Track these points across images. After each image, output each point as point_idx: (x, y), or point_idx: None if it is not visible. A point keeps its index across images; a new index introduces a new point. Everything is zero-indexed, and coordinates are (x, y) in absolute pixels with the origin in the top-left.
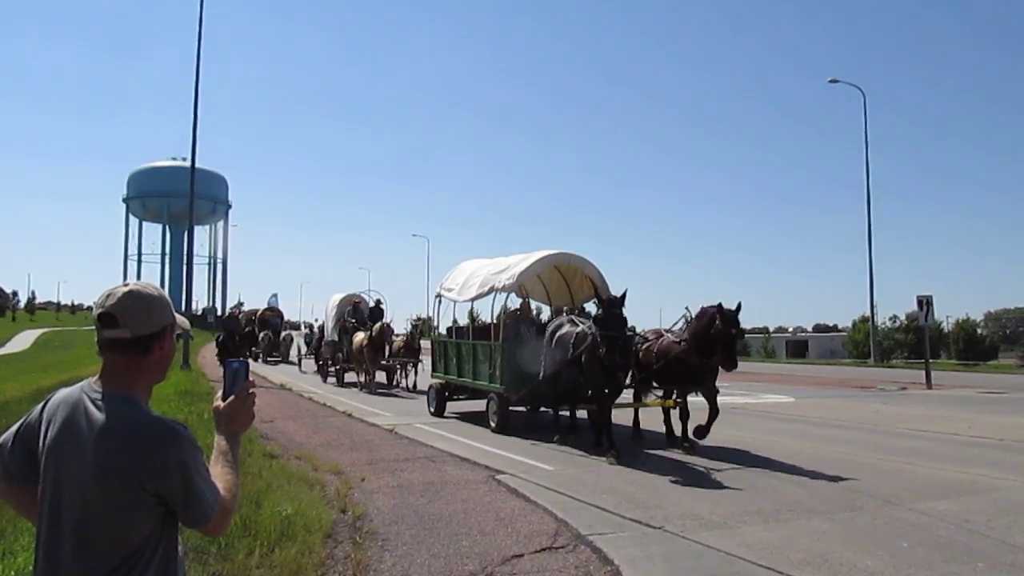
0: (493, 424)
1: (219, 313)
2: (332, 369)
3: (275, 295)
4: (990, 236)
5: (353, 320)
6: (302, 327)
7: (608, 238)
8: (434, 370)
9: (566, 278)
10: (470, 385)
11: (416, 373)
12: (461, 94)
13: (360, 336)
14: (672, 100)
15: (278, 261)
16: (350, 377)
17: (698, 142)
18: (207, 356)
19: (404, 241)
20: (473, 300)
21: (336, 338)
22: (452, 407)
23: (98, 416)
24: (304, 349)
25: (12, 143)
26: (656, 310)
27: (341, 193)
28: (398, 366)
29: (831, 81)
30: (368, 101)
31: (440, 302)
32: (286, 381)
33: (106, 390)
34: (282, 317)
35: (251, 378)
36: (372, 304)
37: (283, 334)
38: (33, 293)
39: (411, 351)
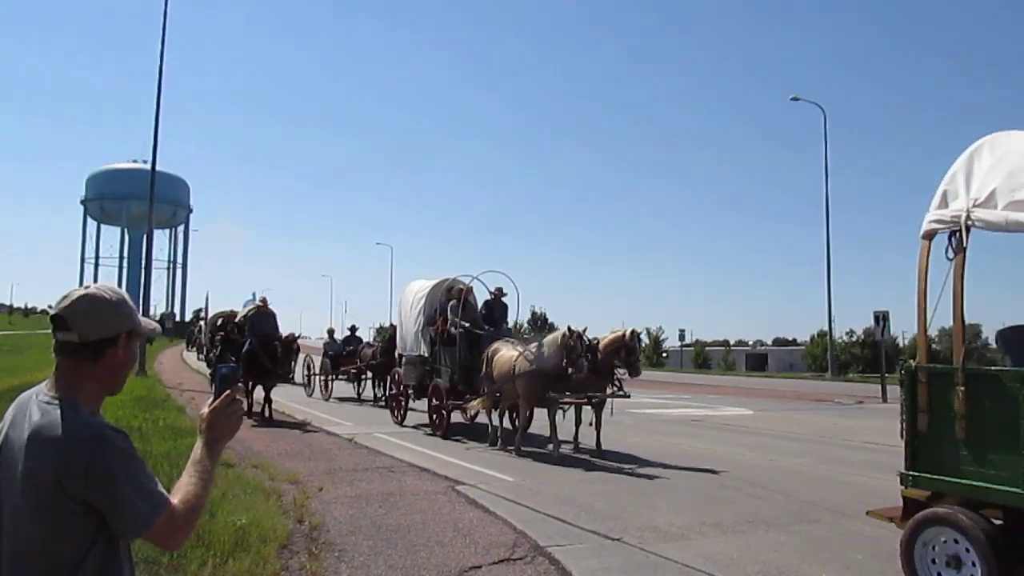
0: None
1: (176, 319)
2: (433, 405)
3: (254, 294)
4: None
5: (464, 324)
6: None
7: (571, 248)
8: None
9: None
10: None
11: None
12: (428, 104)
13: (508, 354)
14: (638, 114)
15: (239, 267)
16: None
17: (662, 155)
18: (164, 362)
19: (367, 249)
20: None
21: (427, 353)
22: None
23: (35, 419)
24: (327, 367)
25: None
26: (618, 320)
27: (304, 200)
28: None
29: (792, 99)
30: (334, 109)
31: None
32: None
33: (52, 393)
34: (275, 318)
35: (239, 384)
36: (490, 296)
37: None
38: None
39: (602, 375)
